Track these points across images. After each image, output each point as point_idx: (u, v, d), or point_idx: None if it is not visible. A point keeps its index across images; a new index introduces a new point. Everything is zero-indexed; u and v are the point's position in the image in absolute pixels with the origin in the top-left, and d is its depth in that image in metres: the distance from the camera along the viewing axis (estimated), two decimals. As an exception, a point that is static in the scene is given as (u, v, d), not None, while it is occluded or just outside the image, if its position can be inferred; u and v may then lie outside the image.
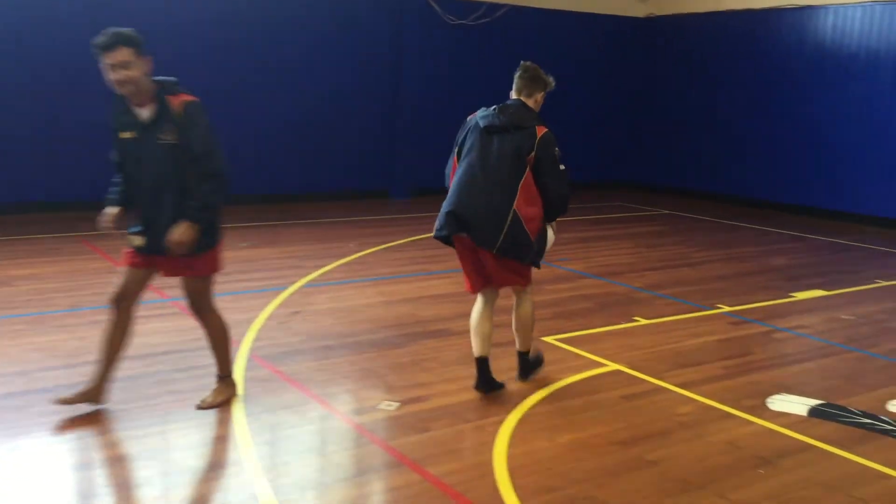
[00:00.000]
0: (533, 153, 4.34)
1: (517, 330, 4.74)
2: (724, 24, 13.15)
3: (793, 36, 12.26)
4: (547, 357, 5.21)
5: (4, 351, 4.93)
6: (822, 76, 11.90)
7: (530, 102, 4.56)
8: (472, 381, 4.68)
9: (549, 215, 4.53)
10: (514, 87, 4.63)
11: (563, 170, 4.43)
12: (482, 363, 4.55)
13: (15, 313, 5.70)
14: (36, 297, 6.15)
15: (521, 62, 4.66)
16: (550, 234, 4.64)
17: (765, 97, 12.65)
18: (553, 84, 4.67)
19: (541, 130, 4.40)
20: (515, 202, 4.31)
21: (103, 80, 3.89)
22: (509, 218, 4.29)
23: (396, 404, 4.36)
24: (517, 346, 4.78)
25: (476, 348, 4.56)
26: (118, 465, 3.60)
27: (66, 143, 9.65)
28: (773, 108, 12.55)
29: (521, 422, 4.20)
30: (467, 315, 6.07)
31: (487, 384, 4.56)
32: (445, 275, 7.44)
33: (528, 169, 4.35)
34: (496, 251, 4.34)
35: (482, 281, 4.59)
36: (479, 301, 4.67)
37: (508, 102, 4.58)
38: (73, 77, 9.49)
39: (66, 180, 9.66)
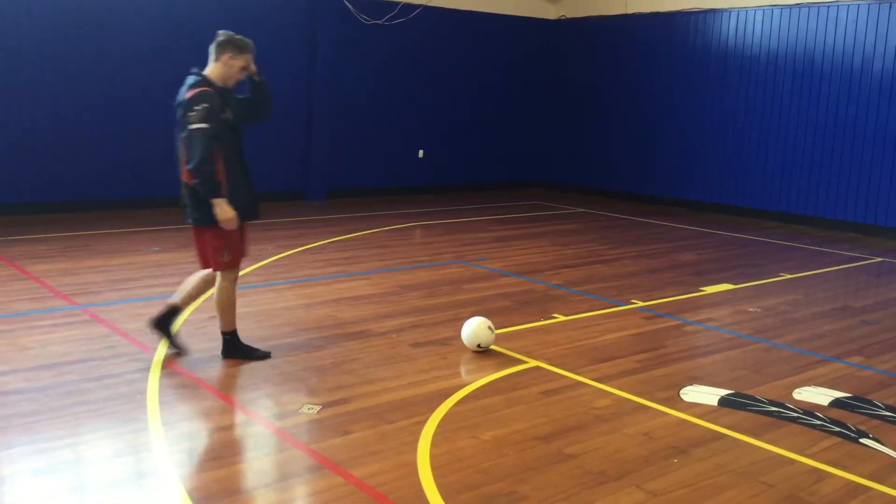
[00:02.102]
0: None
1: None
2: (633, 26, 13.53)
3: (698, 38, 12.72)
4: (468, 356, 5.26)
5: None
6: (726, 77, 12.38)
7: (217, 66, 4.74)
8: (395, 382, 4.70)
9: (231, 179, 4.70)
10: None
11: (193, 129, 4.49)
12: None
13: None
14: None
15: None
16: (226, 209, 4.67)
17: (673, 98, 13.08)
18: (244, 43, 4.82)
19: (191, 92, 4.58)
20: (183, 174, 4.66)
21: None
22: (183, 189, 4.70)
23: (318, 407, 4.33)
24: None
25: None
26: (28, 479, 3.44)
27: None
28: (681, 109, 12.99)
29: (444, 421, 4.23)
30: (388, 316, 6.11)
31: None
32: (364, 276, 7.41)
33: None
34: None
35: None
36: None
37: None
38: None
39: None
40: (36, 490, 3.37)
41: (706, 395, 4.78)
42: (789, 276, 8.20)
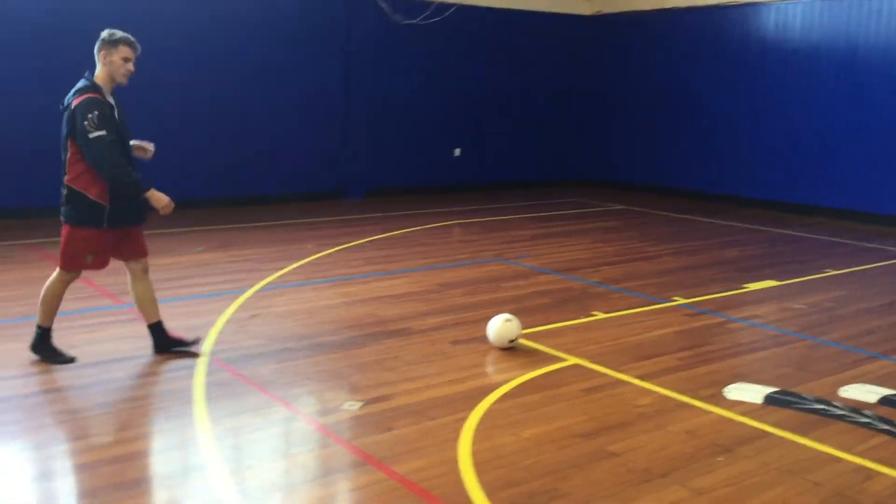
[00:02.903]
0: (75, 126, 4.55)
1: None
2: (670, 21, 13.38)
3: (735, 33, 12.54)
4: (507, 353, 5.26)
5: (-46, 362, 4.80)
6: (766, 71, 12.19)
7: (100, 67, 4.69)
8: (436, 380, 4.73)
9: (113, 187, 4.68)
10: None
11: (94, 137, 4.51)
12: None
13: (-36, 323, 5.56)
14: (-13, 306, 6.00)
15: None
16: (159, 197, 4.78)
17: (713, 93, 12.91)
18: (115, 37, 4.69)
19: (77, 100, 4.57)
20: (67, 176, 4.66)
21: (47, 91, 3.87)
22: (64, 191, 4.70)
23: (360, 404, 4.36)
24: None
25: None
26: (78, 474, 3.53)
27: (13, 149, 9.42)
28: (721, 103, 12.82)
29: (484, 418, 4.23)
30: (428, 314, 6.14)
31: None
32: (404, 274, 7.45)
33: (69, 141, 4.61)
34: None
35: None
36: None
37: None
38: (27, 81, 9.28)
39: (12, 187, 9.44)
40: (86, 484, 3.46)
41: (751, 392, 4.72)
42: (835, 272, 8.05)
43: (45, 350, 4.86)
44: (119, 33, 4.68)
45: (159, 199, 4.75)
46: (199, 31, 10.59)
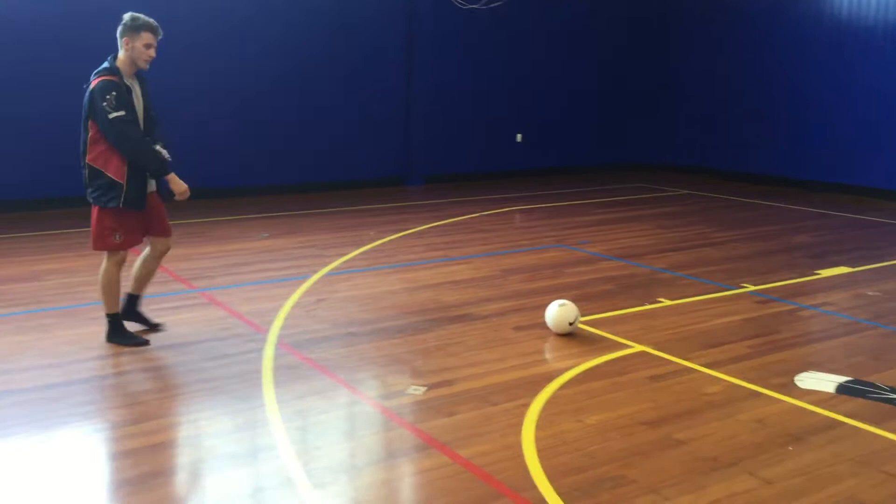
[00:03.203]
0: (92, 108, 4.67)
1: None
2: None
3: (811, 9, 12.13)
4: (570, 340, 5.23)
5: (37, 344, 5.01)
6: (841, 52, 11.77)
7: (122, 52, 4.76)
8: (499, 365, 4.74)
9: (132, 166, 4.77)
10: None
11: (113, 118, 4.61)
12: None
13: (45, 307, 5.78)
14: (65, 290, 6.23)
15: None
16: (178, 182, 4.94)
17: (785, 72, 12.53)
18: (138, 23, 4.72)
19: (95, 82, 4.67)
20: (88, 156, 4.76)
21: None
22: (85, 171, 4.81)
23: (423, 388, 4.40)
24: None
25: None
26: (152, 453, 3.66)
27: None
28: (793, 84, 12.44)
29: (548, 404, 4.23)
30: (490, 300, 6.14)
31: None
32: (466, 260, 7.46)
33: (90, 122, 4.73)
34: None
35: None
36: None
37: None
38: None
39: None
40: (161, 462, 3.58)
41: (823, 381, 4.60)
42: (912, 259, 7.77)
43: (119, 335, 5.02)
44: (142, 18, 4.74)
45: (178, 184, 4.90)
46: (261, 18, 10.75)
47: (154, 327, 5.25)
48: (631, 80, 14.43)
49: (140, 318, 5.25)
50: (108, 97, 4.60)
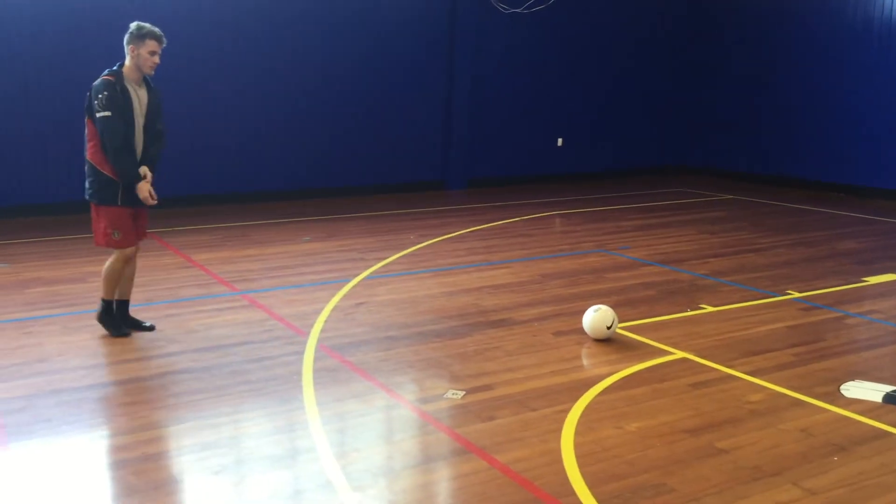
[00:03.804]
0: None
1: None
2: (781, 1, 12.81)
3: (858, 11, 11.88)
4: (610, 346, 5.20)
5: (85, 344, 5.12)
6: (889, 54, 11.50)
7: (128, 59, 4.94)
8: (538, 370, 4.72)
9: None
10: None
11: (101, 117, 4.81)
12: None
13: (92, 308, 5.90)
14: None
15: None
16: (141, 188, 4.98)
17: (830, 76, 12.29)
18: (142, 31, 4.87)
19: (98, 80, 4.87)
20: (87, 152, 4.96)
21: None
22: (86, 166, 5.02)
23: (462, 393, 4.40)
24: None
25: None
26: (194, 453, 3.72)
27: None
28: (838, 87, 12.19)
29: (588, 410, 4.20)
30: (529, 304, 6.13)
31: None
32: (505, 265, 7.45)
33: (87, 118, 4.93)
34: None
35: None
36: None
37: None
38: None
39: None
40: (203, 462, 3.63)
41: (869, 391, 4.50)
42: (965, 266, 7.55)
43: (108, 323, 5.28)
44: (147, 27, 4.90)
45: (141, 190, 4.98)
46: (303, 23, 10.86)
47: (148, 328, 5.39)
48: (674, 84, 14.28)
49: (133, 323, 5.40)
50: (100, 96, 4.82)
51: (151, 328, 5.40)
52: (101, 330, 5.34)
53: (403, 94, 11.77)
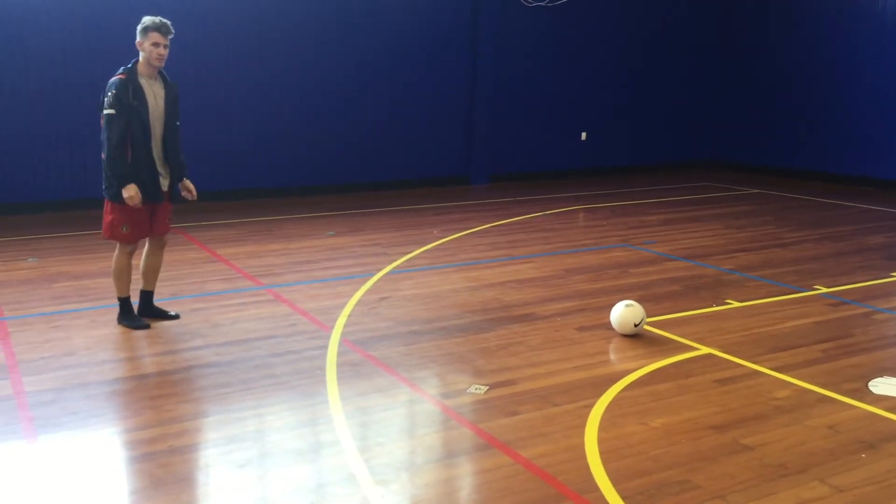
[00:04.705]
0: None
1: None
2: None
3: (890, 6, 11.68)
4: (634, 341, 5.17)
5: (112, 338, 5.18)
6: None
7: (140, 56, 5.01)
8: (561, 366, 4.71)
9: (137, 163, 5.04)
10: None
11: (105, 114, 4.91)
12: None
13: (119, 302, 5.97)
14: (138, 286, 6.41)
15: None
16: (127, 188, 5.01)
17: (858, 68, 12.10)
18: (145, 24, 4.95)
19: (111, 79, 4.96)
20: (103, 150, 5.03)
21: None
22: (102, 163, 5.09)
23: (485, 388, 4.40)
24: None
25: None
26: (219, 447, 3.75)
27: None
28: (867, 79, 12.01)
29: (612, 405, 4.18)
30: (553, 299, 6.11)
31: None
32: (529, 259, 7.43)
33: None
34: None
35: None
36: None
37: None
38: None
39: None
40: (228, 455, 3.66)
41: (899, 388, 4.43)
42: None
43: (127, 318, 5.35)
44: (150, 20, 4.97)
45: (127, 189, 5.01)
46: (326, 16, 10.88)
47: (173, 318, 5.49)
48: (699, 77, 14.15)
49: (158, 313, 5.49)
50: (109, 93, 4.92)
51: (176, 316, 5.49)
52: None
53: (426, 89, 11.76)
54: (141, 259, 5.48)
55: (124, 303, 5.38)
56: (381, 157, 11.58)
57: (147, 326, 5.33)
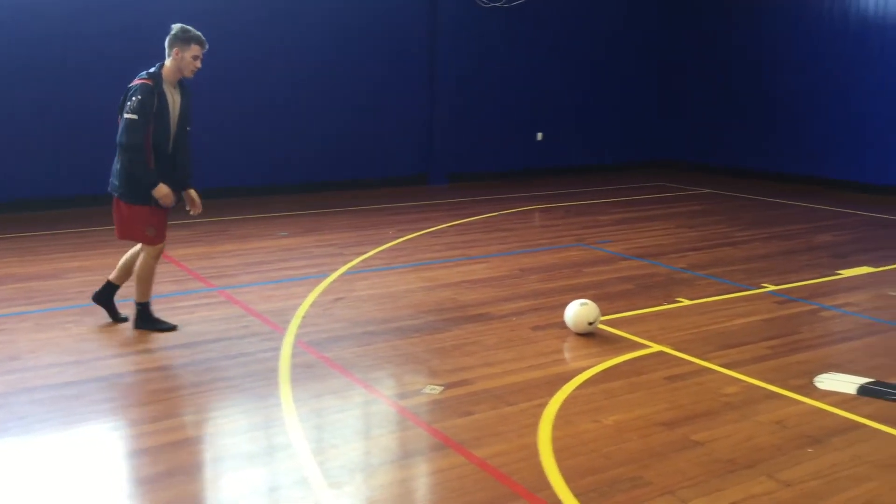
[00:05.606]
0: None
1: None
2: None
3: (835, 8, 11.98)
4: (588, 340, 5.21)
5: (59, 341, 5.07)
6: (866, 49, 11.62)
7: (169, 61, 4.99)
8: (516, 365, 4.74)
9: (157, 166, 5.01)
10: None
11: (127, 118, 4.85)
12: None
13: (68, 305, 5.85)
14: (87, 288, 6.26)
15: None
16: (159, 187, 5.00)
17: (806, 71, 12.39)
18: (188, 36, 4.96)
19: (135, 82, 4.92)
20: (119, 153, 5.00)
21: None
22: (116, 163, 5.07)
23: (440, 388, 4.40)
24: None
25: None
26: (169, 451, 3.69)
27: (111, 137, 9.81)
28: (816, 82, 12.29)
29: (565, 404, 4.21)
30: (508, 299, 6.13)
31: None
32: (485, 259, 7.46)
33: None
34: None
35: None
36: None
37: None
38: (114, 72, 9.67)
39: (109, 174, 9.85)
40: (178, 459, 3.61)
41: (843, 383, 4.55)
42: (938, 259, 7.65)
43: (149, 323, 5.24)
44: (193, 31, 4.96)
45: (160, 189, 4.98)
46: (283, 16, 10.79)
47: (121, 320, 5.40)
48: (654, 78, 14.34)
49: (111, 308, 5.41)
50: (134, 98, 4.82)
51: (125, 319, 5.40)
52: (75, 328, 5.30)
53: (384, 90, 11.73)
54: (127, 253, 5.37)
55: (146, 307, 5.24)
56: (339, 157, 11.51)
57: (175, 328, 5.25)
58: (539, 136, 13.35)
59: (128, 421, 3.99)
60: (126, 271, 5.35)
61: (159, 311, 5.55)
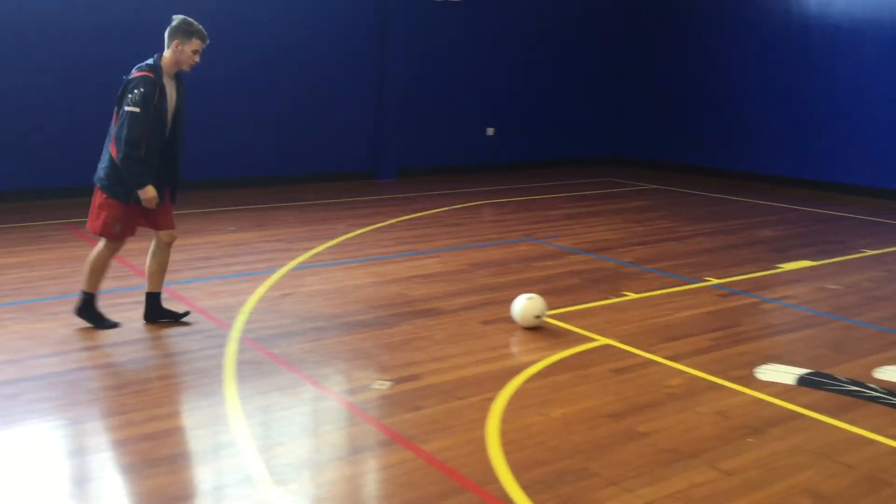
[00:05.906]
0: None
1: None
2: (709, -4, 13.15)
3: (778, 6, 12.27)
4: (537, 334, 5.25)
5: (-6, 340, 4.92)
6: (808, 48, 11.93)
7: (169, 53, 4.90)
8: (465, 360, 4.75)
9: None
10: None
11: (128, 111, 4.74)
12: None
13: (4, 302, 5.68)
14: (24, 285, 6.12)
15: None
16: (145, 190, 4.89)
17: (750, 69, 12.67)
18: (192, 29, 4.91)
19: (135, 74, 4.83)
20: (110, 145, 4.87)
21: (87, 70, 3.90)
22: (106, 156, 4.94)
23: (389, 383, 4.39)
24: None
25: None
26: (111, 451, 3.61)
27: (49, 131, 9.56)
28: (759, 80, 12.58)
29: (513, 398, 4.23)
30: (458, 294, 6.14)
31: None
32: (435, 254, 7.45)
33: (116, 110, 4.87)
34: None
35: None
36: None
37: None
38: (57, 65, 9.41)
39: (49, 168, 9.59)
40: (118, 460, 3.53)
41: (783, 374, 4.66)
42: (872, 252, 7.89)
43: (91, 315, 5.11)
44: (195, 25, 4.90)
45: (148, 191, 4.88)
46: (231, 12, 10.62)
47: (183, 315, 5.29)
48: (604, 74, 14.49)
49: (167, 314, 5.26)
50: (136, 90, 4.73)
51: (187, 314, 5.31)
52: (11, 325, 5.14)
53: (334, 83, 11.63)
54: (147, 259, 5.23)
55: (91, 299, 5.11)
56: (287, 151, 11.39)
57: (117, 325, 5.11)
58: (490, 131, 13.39)
59: (68, 420, 3.89)
60: (155, 275, 5.20)
61: (101, 307, 5.41)
